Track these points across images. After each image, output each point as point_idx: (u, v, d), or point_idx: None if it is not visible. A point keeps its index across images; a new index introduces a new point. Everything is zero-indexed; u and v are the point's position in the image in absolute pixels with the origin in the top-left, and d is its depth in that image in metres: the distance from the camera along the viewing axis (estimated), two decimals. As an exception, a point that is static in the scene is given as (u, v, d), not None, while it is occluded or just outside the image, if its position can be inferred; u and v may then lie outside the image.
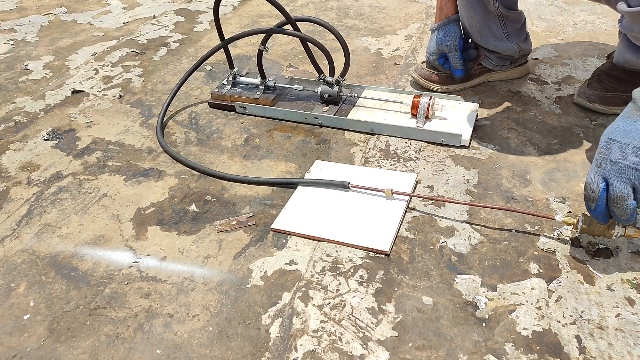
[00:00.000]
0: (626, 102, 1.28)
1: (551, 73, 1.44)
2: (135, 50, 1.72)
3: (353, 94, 1.33)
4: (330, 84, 1.29)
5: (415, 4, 1.98)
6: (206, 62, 1.46)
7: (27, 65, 1.66)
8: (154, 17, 1.99)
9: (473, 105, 1.27)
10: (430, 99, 1.21)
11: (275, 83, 1.37)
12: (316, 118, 1.28)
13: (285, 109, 1.31)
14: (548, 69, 1.47)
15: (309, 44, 1.26)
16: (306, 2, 2.05)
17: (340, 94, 1.31)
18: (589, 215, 0.86)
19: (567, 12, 1.82)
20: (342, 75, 1.28)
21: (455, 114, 1.25)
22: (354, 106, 1.32)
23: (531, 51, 1.41)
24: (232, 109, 1.36)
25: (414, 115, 1.24)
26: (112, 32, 1.88)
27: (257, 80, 1.37)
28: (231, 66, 1.38)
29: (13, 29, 1.94)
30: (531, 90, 1.37)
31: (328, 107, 1.31)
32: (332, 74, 1.28)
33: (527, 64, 1.42)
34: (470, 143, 1.18)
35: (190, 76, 1.41)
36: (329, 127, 1.28)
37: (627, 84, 1.22)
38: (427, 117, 1.22)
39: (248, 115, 1.35)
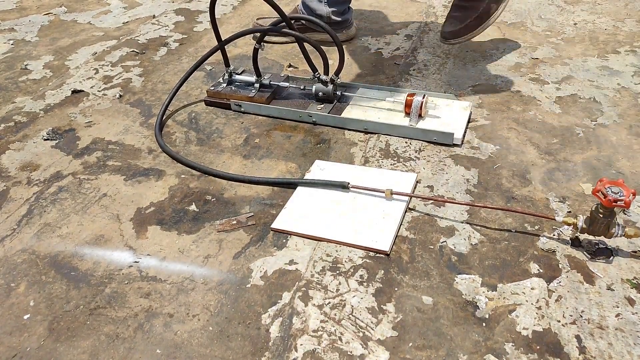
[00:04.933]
0: (477, 17, 1.49)
1: (551, 73, 1.44)
2: (135, 50, 1.72)
3: (348, 93, 1.34)
4: (324, 82, 1.29)
5: (415, 4, 1.98)
6: (206, 62, 1.46)
7: (27, 65, 1.66)
8: (154, 16, 1.99)
9: (466, 104, 1.28)
10: (423, 98, 1.21)
11: (270, 81, 1.37)
12: (310, 116, 1.28)
13: (280, 107, 1.31)
14: (548, 68, 1.47)
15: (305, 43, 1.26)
16: (306, 2, 2.05)
17: (335, 92, 1.31)
18: (589, 217, 0.87)
19: (567, 12, 1.82)
20: (337, 73, 1.28)
21: (448, 113, 1.26)
22: (348, 104, 1.32)
23: (348, 26, 1.65)
24: (227, 106, 1.36)
25: (408, 114, 1.24)
26: (112, 32, 1.88)
27: (253, 79, 1.37)
28: (227, 64, 1.38)
29: (13, 28, 1.94)
30: (531, 90, 1.37)
31: (322, 105, 1.31)
32: (326, 72, 1.28)
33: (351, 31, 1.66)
34: (463, 142, 1.18)
35: (191, 76, 1.41)
36: (323, 125, 1.28)
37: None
38: (420, 115, 1.22)
39: (243, 113, 1.35)
